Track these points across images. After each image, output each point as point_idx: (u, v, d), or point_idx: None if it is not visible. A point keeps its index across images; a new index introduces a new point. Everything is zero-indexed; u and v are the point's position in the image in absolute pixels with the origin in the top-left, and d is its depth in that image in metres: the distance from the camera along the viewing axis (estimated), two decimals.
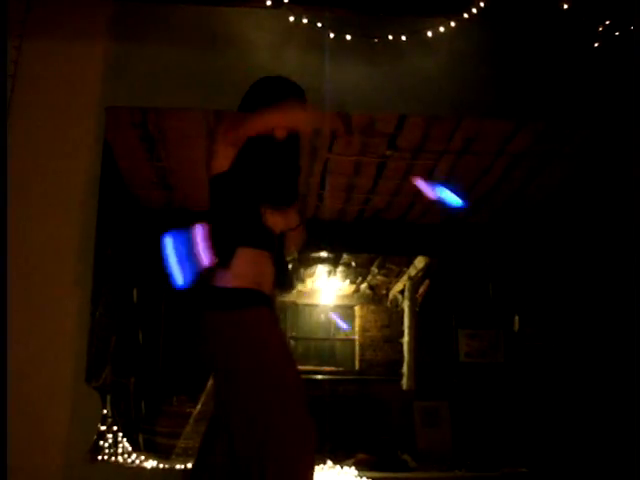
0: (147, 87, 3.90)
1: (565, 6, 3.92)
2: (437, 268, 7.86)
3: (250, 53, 3.94)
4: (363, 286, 8.77)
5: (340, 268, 8.27)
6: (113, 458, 5.15)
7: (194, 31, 3.98)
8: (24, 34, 3.80)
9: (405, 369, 7.93)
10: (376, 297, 8.98)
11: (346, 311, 9.06)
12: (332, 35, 3.91)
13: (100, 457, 4.32)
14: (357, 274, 8.45)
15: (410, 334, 8.00)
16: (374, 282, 8.64)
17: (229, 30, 3.96)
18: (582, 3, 3.91)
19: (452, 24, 3.90)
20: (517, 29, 4.05)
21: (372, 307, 9.03)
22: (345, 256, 7.89)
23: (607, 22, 3.97)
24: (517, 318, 7.22)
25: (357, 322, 9.01)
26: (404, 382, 7.86)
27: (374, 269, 8.22)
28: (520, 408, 6.89)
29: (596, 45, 3.98)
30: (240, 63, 3.92)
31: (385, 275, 8.42)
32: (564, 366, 6.35)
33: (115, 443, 5.38)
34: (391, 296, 8.89)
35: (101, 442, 4.74)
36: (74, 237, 3.72)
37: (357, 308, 9.03)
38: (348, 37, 3.87)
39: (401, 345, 8.37)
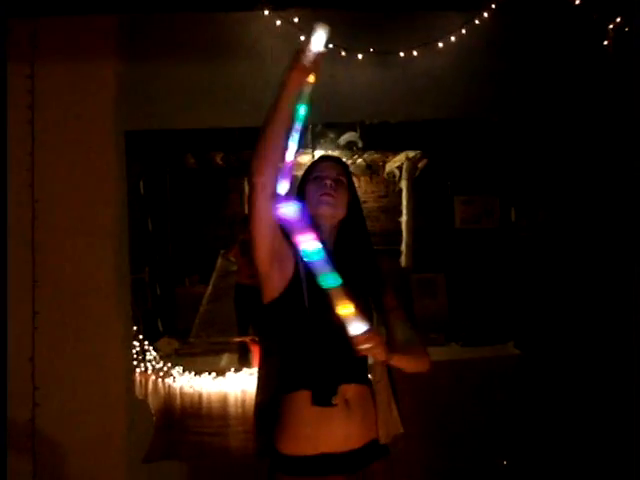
0: (165, 107, 3.92)
1: (577, 1, 3.88)
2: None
3: (262, 63, 3.92)
4: (359, 161, 8.88)
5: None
6: (142, 365, 5.63)
7: (205, 44, 3.93)
8: (34, 61, 3.78)
9: (403, 247, 8.33)
10: (372, 169, 9.13)
11: None
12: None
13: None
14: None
15: (408, 214, 8.32)
16: (369, 159, 8.77)
17: (239, 40, 3.93)
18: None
19: (463, 31, 3.88)
20: (529, 29, 4.02)
21: (367, 178, 9.23)
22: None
23: (618, 19, 3.95)
24: (513, 209, 7.49)
25: None
26: (402, 259, 8.30)
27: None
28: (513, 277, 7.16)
29: (605, 43, 3.98)
30: (255, 75, 3.93)
31: (381, 152, 8.52)
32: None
33: (143, 351, 5.86)
34: (388, 169, 9.07)
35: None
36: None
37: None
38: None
39: (400, 213, 8.66)
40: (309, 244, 1.80)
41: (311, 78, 1.93)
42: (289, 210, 1.79)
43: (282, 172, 1.96)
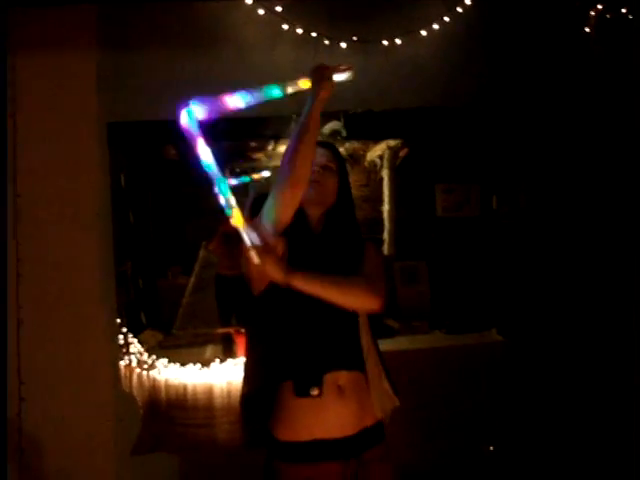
0: (147, 98, 3.89)
1: None
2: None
3: (245, 53, 3.91)
4: (341, 150, 8.81)
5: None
6: (126, 357, 5.59)
7: (188, 34, 3.90)
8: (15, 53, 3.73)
9: (386, 235, 8.32)
10: (353, 158, 9.09)
11: None
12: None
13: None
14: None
15: (390, 202, 8.30)
16: (351, 148, 8.74)
17: (222, 30, 3.90)
18: None
19: (446, 19, 3.88)
20: (511, 16, 4.03)
21: (349, 168, 9.17)
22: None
23: (599, 6, 3.97)
24: (494, 197, 7.50)
25: None
26: (385, 248, 8.29)
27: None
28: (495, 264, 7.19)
29: (587, 30, 4.00)
30: (237, 64, 3.90)
31: (363, 142, 8.49)
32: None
33: (127, 344, 5.82)
34: (369, 158, 9.04)
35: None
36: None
37: None
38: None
39: (381, 203, 8.66)
40: (204, 153, 1.88)
41: (306, 84, 1.96)
42: (185, 117, 1.87)
43: (214, 106, 2.01)
